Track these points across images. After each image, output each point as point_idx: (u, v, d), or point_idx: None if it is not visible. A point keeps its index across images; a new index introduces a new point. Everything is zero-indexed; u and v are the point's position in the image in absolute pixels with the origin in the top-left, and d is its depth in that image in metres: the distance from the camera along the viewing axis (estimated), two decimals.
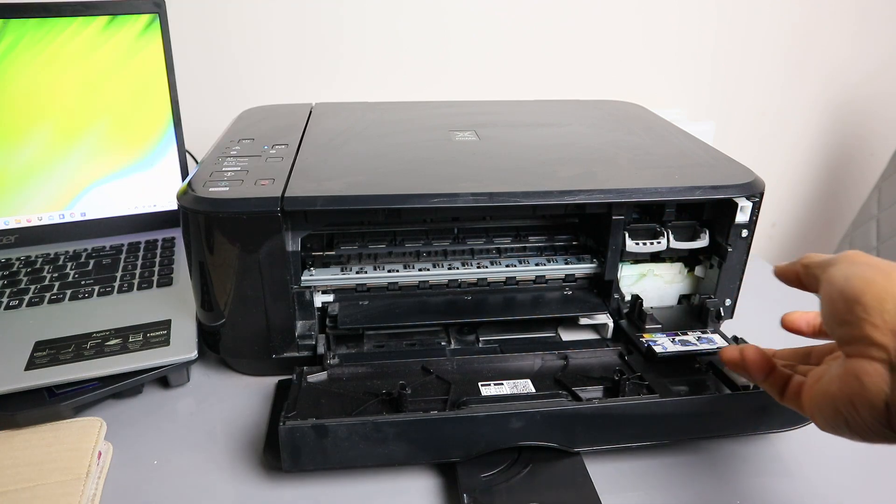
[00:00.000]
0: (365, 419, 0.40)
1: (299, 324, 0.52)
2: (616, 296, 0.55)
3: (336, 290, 0.55)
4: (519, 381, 0.49)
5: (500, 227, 0.61)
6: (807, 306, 0.40)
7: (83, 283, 0.58)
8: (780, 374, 0.38)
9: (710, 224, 0.54)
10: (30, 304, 0.55)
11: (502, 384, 0.48)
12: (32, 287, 0.57)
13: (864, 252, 0.34)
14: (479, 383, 0.48)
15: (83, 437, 0.44)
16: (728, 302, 0.55)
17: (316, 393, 0.47)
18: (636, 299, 0.55)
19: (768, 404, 0.44)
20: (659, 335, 0.52)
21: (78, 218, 0.67)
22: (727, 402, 0.44)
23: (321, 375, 0.49)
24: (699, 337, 0.52)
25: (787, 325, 0.41)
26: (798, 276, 0.38)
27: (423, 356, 0.52)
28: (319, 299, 0.53)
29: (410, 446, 0.41)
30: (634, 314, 0.55)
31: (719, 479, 0.44)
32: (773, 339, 0.43)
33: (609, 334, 0.55)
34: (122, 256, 0.63)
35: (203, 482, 0.43)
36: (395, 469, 0.44)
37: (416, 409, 0.45)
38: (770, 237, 1.26)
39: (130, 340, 0.49)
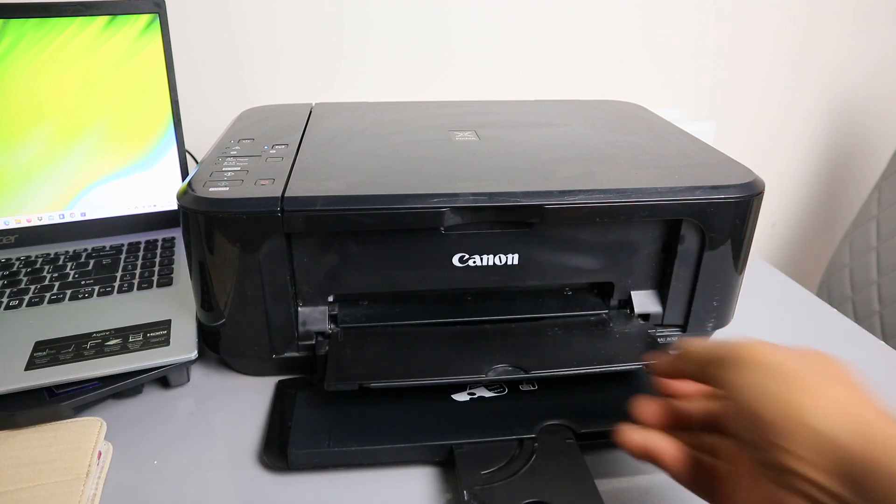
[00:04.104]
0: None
1: (299, 324, 0.52)
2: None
3: None
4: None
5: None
6: (807, 307, 0.40)
7: (83, 283, 0.58)
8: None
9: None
10: (30, 304, 0.55)
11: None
12: (32, 287, 0.57)
13: (762, 343, 0.32)
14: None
15: (83, 437, 0.44)
16: None
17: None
18: None
19: None
20: None
21: (78, 218, 0.67)
22: None
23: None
24: None
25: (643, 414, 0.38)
26: (682, 373, 0.36)
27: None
28: None
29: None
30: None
31: None
32: (772, 340, 0.43)
33: None
34: (122, 256, 0.63)
35: (203, 482, 0.43)
36: (395, 468, 0.44)
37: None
38: (770, 237, 1.26)
39: (130, 340, 0.49)
